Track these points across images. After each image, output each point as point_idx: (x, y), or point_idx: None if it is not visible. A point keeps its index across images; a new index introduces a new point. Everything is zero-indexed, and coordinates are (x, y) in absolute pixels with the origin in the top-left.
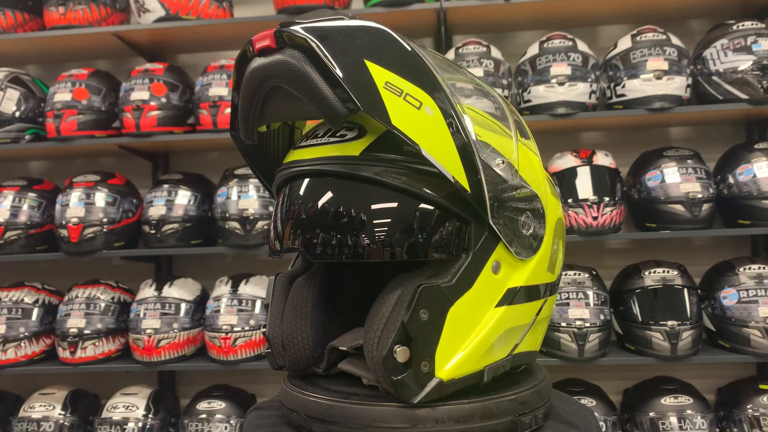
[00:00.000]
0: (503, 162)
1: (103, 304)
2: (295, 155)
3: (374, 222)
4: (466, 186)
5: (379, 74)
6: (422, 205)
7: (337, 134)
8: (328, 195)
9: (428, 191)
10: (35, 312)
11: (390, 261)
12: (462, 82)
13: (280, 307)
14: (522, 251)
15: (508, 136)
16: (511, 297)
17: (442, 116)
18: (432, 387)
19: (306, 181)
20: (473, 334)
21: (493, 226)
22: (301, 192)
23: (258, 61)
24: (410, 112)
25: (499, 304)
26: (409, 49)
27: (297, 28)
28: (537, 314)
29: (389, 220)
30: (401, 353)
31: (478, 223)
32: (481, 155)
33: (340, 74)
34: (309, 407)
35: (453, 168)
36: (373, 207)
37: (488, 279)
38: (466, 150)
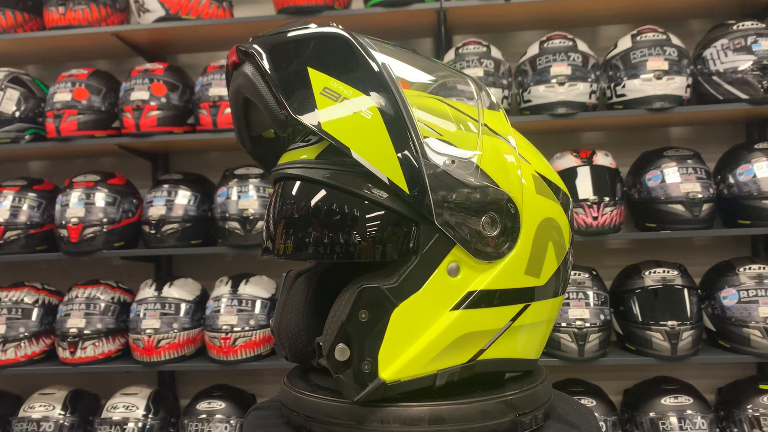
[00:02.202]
0: (454, 161)
1: (103, 304)
2: (280, 159)
3: (319, 223)
4: (405, 188)
5: (319, 80)
6: (366, 207)
7: (305, 138)
8: (286, 197)
9: (372, 193)
10: (35, 312)
11: (336, 262)
12: (439, 77)
13: (282, 303)
14: (484, 253)
15: (475, 132)
16: (471, 300)
17: (381, 118)
18: (374, 387)
19: (278, 184)
20: (423, 336)
21: (441, 228)
22: (275, 194)
23: (232, 75)
24: (344, 116)
25: (455, 307)
26: (361, 51)
27: (253, 42)
28: (513, 320)
29: (334, 222)
30: (340, 352)
31: (426, 225)
32: (429, 155)
33: (275, 83)
34: (288, 400)
35: (389, 170)
36: (320, 208)
37: (442, 281)
38: (405, 151)
